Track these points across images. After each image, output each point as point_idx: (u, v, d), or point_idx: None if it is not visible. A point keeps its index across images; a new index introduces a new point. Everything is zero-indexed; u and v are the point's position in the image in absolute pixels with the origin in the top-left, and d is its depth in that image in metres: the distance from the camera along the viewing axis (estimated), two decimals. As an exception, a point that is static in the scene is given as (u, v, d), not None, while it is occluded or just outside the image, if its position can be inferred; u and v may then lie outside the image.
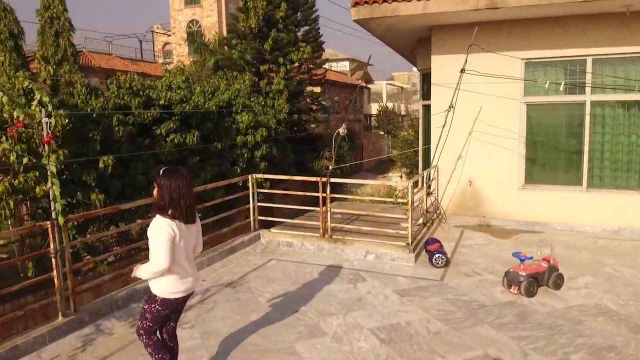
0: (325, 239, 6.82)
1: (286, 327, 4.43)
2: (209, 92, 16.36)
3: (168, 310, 3.18)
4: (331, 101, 29.80)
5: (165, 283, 3.09)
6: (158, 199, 3.03)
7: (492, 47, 7.47)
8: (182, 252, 3.06)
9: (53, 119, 3.68)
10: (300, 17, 20.32)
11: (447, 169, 8.47)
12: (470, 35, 7.41)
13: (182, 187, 3.01)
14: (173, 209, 2.97)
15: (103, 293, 4.93)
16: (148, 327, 3.17)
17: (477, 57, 7.53)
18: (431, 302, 5.02)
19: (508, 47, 7.59)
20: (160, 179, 3.05)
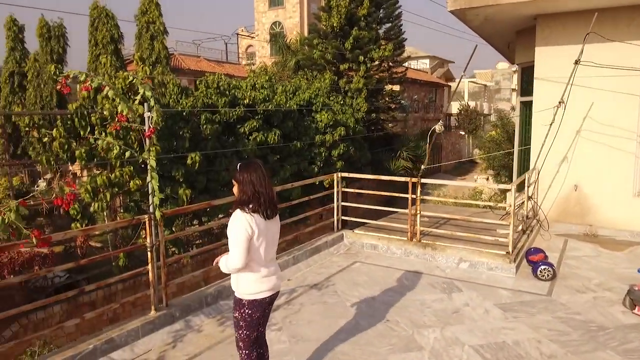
0: (413, 243, 6.43)
1: (378, 337, 4.14)
2: (290, 91, 16.51)
3: (259, 312, 3.02)
4: (410, 100, 28.97)
5: (248, 283, 2.95)
6: (240, 194, 2.91)
7: (611, 37, 6.61)
8: (262, 250, 2.92)
9: (154, 113, 3.70)
10: (382, 14, 19.86)
11: (550, 172, 7.70)
12: (583, 24, 6.61)
13: (262, 178, 2.91)
14: (255, 203, 2.85)
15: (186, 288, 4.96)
16: (246, 337, 3.03)
17: (590, 48, 6.70)
18: (540, 320, 4.48)
19: (628, 37, 6.69)
20: (239, 174, 2.92)
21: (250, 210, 2.84)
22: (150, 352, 3.89)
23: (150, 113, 3.75)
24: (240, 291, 2.97)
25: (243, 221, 2.81)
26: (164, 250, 4.19)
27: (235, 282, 2.99)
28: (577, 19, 6.74)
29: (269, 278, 2.99)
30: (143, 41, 18.25)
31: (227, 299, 4.89)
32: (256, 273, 2.93)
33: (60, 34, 21.03)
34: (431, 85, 33.42)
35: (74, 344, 3.61)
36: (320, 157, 17.40)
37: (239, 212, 2.83)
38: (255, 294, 2.95)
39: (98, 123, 11.05)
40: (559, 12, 7.00)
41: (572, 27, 6.86)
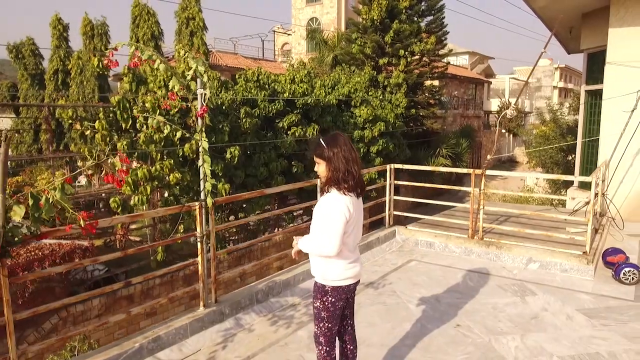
0: (474, 241, 5.91)
1: (450, 344, 3.68)
2: (329, 85, 16.12)
3: (342, 300, 2.69)
4: (449, 96, 28.09)
5: (335, 269, 2.62)
6: (331, 172, 2.55)
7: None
8: (353, 234, 2.62)
9: (208, 90, 3.37)
10: (424, 7, 19.20)
11: (621, 166, 7.00)
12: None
13: (353, 152, 2.58)
14: (351, 180, 2.52)
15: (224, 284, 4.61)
16: (328, 330, 2.69)
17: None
18: (634, 329, 3.91)
19: None
20: (327, 150, 2.57)
21: (346, 190, 2.50)
22: (199, 353, 3.56)
23: (203, 90, 3.42)
24: (325, 277, 2.64)
25: (341, 204, 2.49)
26: (214, 242, 3.86)
27: (319, 268, 2.66)
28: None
29: (355, 264, 2.69)
30: (183, 37, 18.29)
31: (277, 296, 4.53)
32: (344, 259, 2.62)
33: (103, 31, 21.40)
34: (471, 81, 32.37)
35: (118, 342, 3.32)
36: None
37: (337, 193, 2.51)
38: (340, 281, 2.64)
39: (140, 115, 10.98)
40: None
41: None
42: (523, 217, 6.78)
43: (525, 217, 6.76)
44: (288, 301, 4.50)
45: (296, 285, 4.79)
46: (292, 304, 4.47)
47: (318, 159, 2.63)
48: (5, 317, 2.61)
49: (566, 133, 14.91)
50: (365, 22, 18.59)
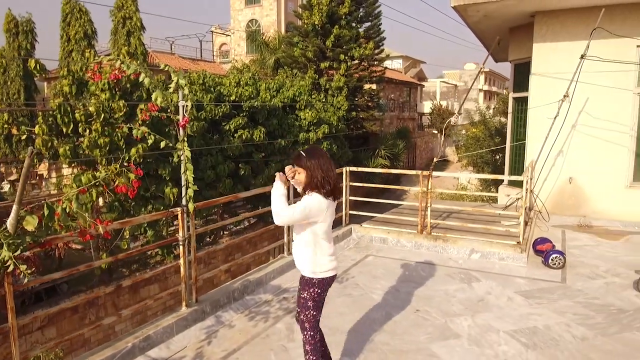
0: (423, 236, 6.50)
1: (413, 327, 4.16)
2: (273, 89, 16.39)
3: (326, 291, 3.09)
4: (386, 99, 29.30)
5: (320, 262, 3.00)
6: (309, 179, 2.93)
7: (605, 34, 6.89)
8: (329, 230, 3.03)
9: (189, 102, 3.58)
10: (362, 13, 20.01)
11: (546, 166, 7.93)
12: (580, 21, 6.87)
13: (329, 163, 2.96)
14: (327, 186, 2.91)
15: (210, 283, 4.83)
16: (312, 317, 3.03)
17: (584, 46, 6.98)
18: (563, 306, 4.61)
19: (615, 34, 6.98)
20: (306, 161, 2.93)
21: (324, 195, 2.88)
22: (187, 349, 3.77)
23: (184, 102, 3.63)
24: (313, 270, 2.99)
25: (322, 202, 2.88)
26: (195, 244, 4.07)
27: (306, 262, 3.00)
28: (574, 16, 7.00)
29: (334, 257, 3.09)
30: (119, 37, 17.72)
31: (252, 294, 4.81)
32: (326, 253, 3.01)
33: (28, 29, 20.10)
34: (405, 84, 33.92)
35: (111, 342, 3.46)
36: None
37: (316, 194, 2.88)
38: (325, 272, 3.01)
39: (83, 120, 10.66)
40: (557, 10, 7.24)
41: (570, 24, 7.12)
42: (464, 212, 7.51)
43: (466, 213, 7.50)
44: (262, 298, 4.79)
45: (268, 283, 5.08)
46: (266, 300, 4.76)
47: (298, 168, 2.97)
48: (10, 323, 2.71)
49: (494, 134, 16.28)
50: (306, 26, 19.06)
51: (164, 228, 12.89)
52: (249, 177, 15.32)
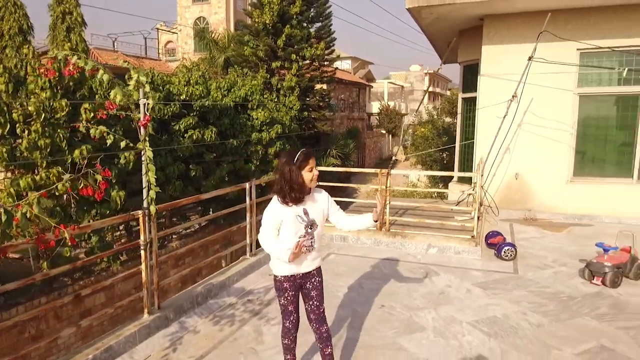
0: (382, 233, 6.62)
1: (380, 322, 4.22)
2: (224, 88, 16.09)
3: None
4: (337, 99, 29.57)
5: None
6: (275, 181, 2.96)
7: (549, 37, 7.31)
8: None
9: (150, 100, 3.43)
10: (313, 13, 20.06)
11: (495, 163, 8.30)
12: (524, 25, 7.25)
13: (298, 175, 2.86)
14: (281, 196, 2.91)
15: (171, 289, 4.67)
16: None
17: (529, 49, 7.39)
18: (518, 295, 4.85)
19: (561, 38, 7.43)
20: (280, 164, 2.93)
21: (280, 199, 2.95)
22: (151, 358, 3.62)
23: (146, 100, 3.48)
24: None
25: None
26: (157, 248, 3.91)
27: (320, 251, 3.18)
28: (521, 19, 7.38)
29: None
30: (58, 33, 16.75)
31: (215, 298, 4.70)
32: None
33: (-47, 21, 18.54)
34: (355, 85, 34.39)
35: (70, 355, 3.26)
36: (257, 155, 17.22)
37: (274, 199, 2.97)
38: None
39: (21, 120, 9.98)
40: (504, 14, 7.60)
41: (517, 27, 7.50)
42: (419, 209, 7.72)
43: (421, 209, 7.71)
44: (226, 301, 4.69)
45: (231, 286, 4.98)
46: (230, 303, 4.66)
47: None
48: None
49: (442, 134, 16.88)
50: (257, 25, 18.86)
51: (108, 234, 12.33)
52: (200, 178, 14.96)
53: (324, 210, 3.05)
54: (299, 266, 3.00)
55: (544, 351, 3.70)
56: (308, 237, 2.96)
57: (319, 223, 3.01)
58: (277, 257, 2.94)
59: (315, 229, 2.98)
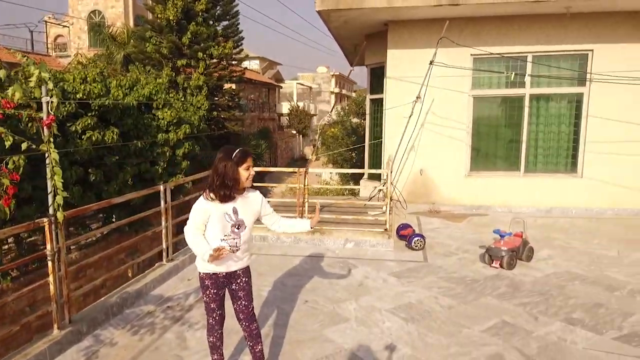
0: (301, 231, 6.71)
1: (305, 317, 4.31)
2: (126, 86, 15.17)
3: None
4: (247, 99, 29.27)
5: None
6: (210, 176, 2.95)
7: (446, 43, 7.94)
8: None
9: (55, 98, 3.15)
10: (220, 12, 19.65)
11: (401, 160, 8.82)
12: (423, 31, 7.81)
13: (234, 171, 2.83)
14: (211, 191, 2.88)
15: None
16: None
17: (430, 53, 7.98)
18: (429, 281, 5.22)
19: (458, 44, 8.11)
20: (216, 158, 2.89)
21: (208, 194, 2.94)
22: (64, 376, 3.35)
23: (49, 98, 3.19)
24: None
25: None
26: (65, 258, 3.62)
27: (249, 252, 3.13)
28: (422, 26, 7.92)
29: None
30: None
31: (132, 307, 4.45)
32: None
33: None
34: (264, 85, 34.30)
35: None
36: (164, 157, 16.49)
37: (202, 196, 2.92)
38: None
39: None
40: (407, 20, 8.10)
41: (418, 33, 8.03)
42: (335, 205, 7.96)
43: (337, 206, 7.96)
44: (143, 310, 4.46)
45: (148, 294, 4.75)
46: (148, 311, 4.45)
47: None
48: None
49: (351, 134, 17.51)
50: (160, 21, 18.03)
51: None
52: (102, 183, 13.95)
53: (255, 212, 3.02)
54: (222, 265, 2.97)
55: (455, 330, 4.04)
56: (234, 236, 2.94)
57: (248, 224, 2.97)
58: (197, 254, 2.90)
59: (242, 229, 2.94)
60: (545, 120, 8.43)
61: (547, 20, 7.84)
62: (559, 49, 7.92)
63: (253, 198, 2.99)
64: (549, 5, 7.11)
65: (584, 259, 6.00)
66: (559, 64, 8.04)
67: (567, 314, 4.36)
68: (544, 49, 7.94)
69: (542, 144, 8.54)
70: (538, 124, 8.47)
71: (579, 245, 6.62)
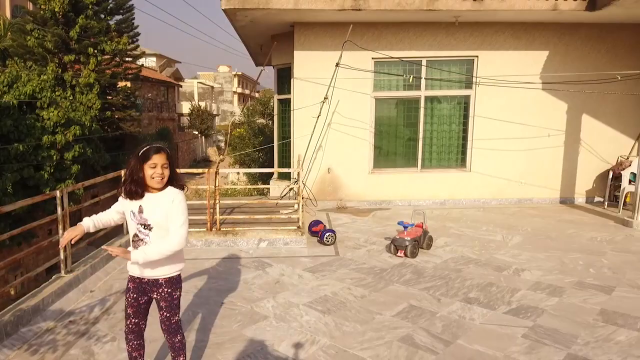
0: (213, 233, 6.60)
1: (223, 319, 4.26)
2: (4, 83, 13.62)
3: None
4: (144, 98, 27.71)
5: (182, 257, 3.04)
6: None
7: (350, 47, 8.28)
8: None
9: None
10: (113, 5, 18.37)
11: (310, 159, 9.03)
12: (327, 34, 8.08)
13: (130, 163, 2.78)
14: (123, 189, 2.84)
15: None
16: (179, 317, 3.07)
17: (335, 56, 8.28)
18: (342, 274, 5.45)
19: (361, 47, 8.50)
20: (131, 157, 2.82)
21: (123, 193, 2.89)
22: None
23: None
24: (179, 267, 3.00)
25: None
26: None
27: (171, 261, 2.89)
28: (327, 29, 8.18)
29: None
30: None
31: (29, 325, 4.05)
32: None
33: None
34: (163, 84, 32.75)
35: None
36: (51, 161, 15.08)
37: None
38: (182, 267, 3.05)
39: None
40: (312, 22, 8.31)
41: (323, 36, 8.28)
42: (247, 206, 7.92)
43: (248, 206, 7.92)
44: (42, 327, 4.09)
45: (46, 309, 4.35)
46: (48, 328, 4.08)
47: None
48: None
49: (258, 134, 17.44)
50: (44, 12, 16.40)
51: None
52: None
53: (164, 212, 2.76)
54: (134, 268, 2.87)
55: (369, 317, 4.28)
56: (142, 236, 2.79)
57: (156, 225, 2.75)
58: None
59: (150, 230, 2.76)
60: (439, 120, 9.19)
61: (439, 28, 8.56)
62: (449, 55, 8.69)
63: (164, 198, 2.75)
64: (440, 14, 7.78)
65: (475, 244, 6.67)
66: (449, 68, 8.81)
67: (464, 294, 4.83)
68: (437, 54, 8.66)
69: (436, 142, 9.29)
70: (432, 124, 9.20)
71: (470, 232, 7.34)
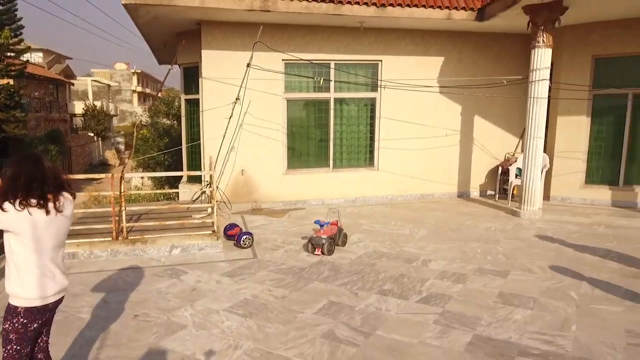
0: (120, 242, 6.19)
1: (137, 332, 4.03)
2: None
3: (35, 322, 2.58)
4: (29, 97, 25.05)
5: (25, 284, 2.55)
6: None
7: (263, 48, 8.24)
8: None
9: None
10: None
11: (223, 161, 8.84)
12: (236, 34, 7.97)
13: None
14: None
15: None
16: (17, 352, 2.54)
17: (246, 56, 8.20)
18: (261, 276, 5.43)
19: (272, 49, 8.49)
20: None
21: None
22: None
23: None
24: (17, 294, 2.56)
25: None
26: None
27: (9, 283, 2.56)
28: (236, 29, 8.04)
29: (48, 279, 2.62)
30: None
31: None
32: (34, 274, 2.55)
33: None
34: (51, 81, 29.87)
35: None
36: None
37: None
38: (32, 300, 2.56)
39: None
40: (219, 21, 8.12)
41: (231, 36, 8.13)
42: (155, 212, 7.54)
43: (157, 212, 7.55)
44: None
45: None
46: None
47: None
48: None
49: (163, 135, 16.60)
50: None
51: None
52: None
53: None
54: None
55: (291, 317, 4.32)
56: None
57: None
58: None
59: None
60: (348, 122, 9.50)
61: (345, 32, 8.85)
62: (355, 58, 9.02)
63: None
64: (346, 19, 8.05)
65: (386, 238, 7.02)
66: (356, 72, 9.16)
67: (379, 287, 5.07)
68: (344, 57, 8.94)
69: (346, 142, 9.60)
70: (342, 125, 9.49)
71: (380, 227, 7.70)
